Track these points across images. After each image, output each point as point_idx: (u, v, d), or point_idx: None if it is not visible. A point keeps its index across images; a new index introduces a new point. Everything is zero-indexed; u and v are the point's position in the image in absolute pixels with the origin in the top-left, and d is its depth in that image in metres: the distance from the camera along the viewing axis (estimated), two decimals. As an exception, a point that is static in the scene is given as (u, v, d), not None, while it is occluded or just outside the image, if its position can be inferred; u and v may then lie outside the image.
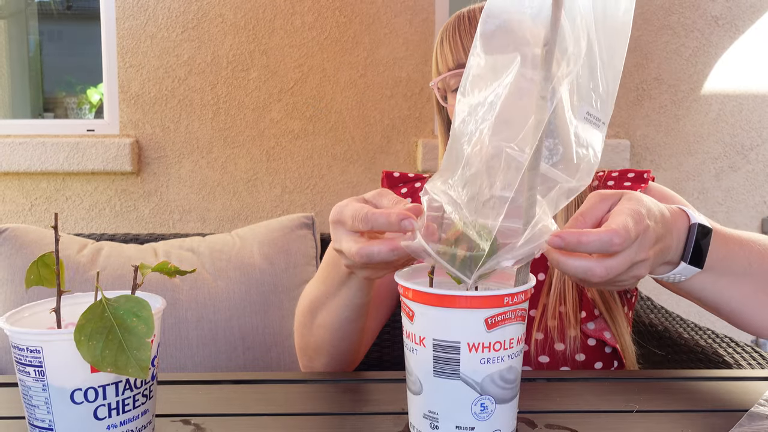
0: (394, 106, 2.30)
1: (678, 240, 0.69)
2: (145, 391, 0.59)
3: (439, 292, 0.55)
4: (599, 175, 1.07)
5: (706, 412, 0.69)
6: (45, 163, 2.18)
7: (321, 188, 2.30)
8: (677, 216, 0.70)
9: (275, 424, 0.67)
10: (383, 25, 2.28)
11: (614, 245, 0.57)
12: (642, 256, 0.62)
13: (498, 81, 0.57)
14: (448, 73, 0.99)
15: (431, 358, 0.57)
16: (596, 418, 0.67)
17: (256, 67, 2.25)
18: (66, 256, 1.55)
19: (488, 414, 0.57)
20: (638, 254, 0.61)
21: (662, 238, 0.65)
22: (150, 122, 2.24)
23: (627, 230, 0.58)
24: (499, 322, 0.56)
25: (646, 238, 0.62)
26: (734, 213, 2.47)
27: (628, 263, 0.60)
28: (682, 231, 0.70)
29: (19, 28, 3.29)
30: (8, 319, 0.58)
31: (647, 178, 1.03)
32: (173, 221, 2.27)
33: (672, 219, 0.68)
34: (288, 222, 1.75)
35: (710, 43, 2.41)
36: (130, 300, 0.55)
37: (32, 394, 0.56)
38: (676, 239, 0.69)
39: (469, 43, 0.97)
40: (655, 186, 1.03)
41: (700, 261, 0.70)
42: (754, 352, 1.12)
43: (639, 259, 0.62)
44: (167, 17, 2.22)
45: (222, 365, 1.57)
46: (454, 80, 0.99)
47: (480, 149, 0.56)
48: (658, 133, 2.43)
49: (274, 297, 1.63)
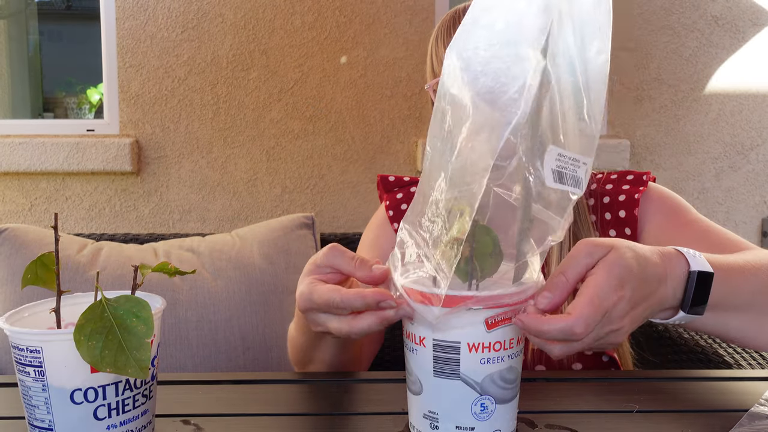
0: (394, 106, 2.30)
1: (675, 288, 0.64)
2: (145, 391, 0.59)
3: (438, 291, 0.55)
4: (598, 177, 1.07)
5: (706, 412, 0.69)
6: (45, 163, 2.18)
7: (321, 188, 2.30)
8: (673, 262, 0.65)
9: (275, 424, 0.67)
10: (383, 25, 2.28)
11: (575, 335, 0.54)
12: (611, 328, 0.58)
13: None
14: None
15: (431, 359, 0.57)
16: (596, 418, 0.67)
17: (256, 67, 2.25)
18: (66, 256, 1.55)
19: (488, 414, 0.57)
20: (604, 327, 0.57)
21: (647, 298, 0.61)
22: (150, 122, 2.24)
23: (587, 318, 0.55)
24: (499, 322, 0.56)
25: (617, 310, 0.57)
26: (734, 213, 2.47)
27: (592, 340, 0.58)
28: (680, 278, 0.64)
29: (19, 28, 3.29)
30: (8, 319, 0.58)
31: (646, 180, 1.02)
32: (173, 221, 2.27)
33: (664, 267, 0.63)
34: (288, 222, 1.75)
35: (710, 43, 2.41)
36: (130, 300, 0.55)
37: (32, 394, 0.55)
38: (672, 287, 0.64)
39: None
40: (655, 187, 1.02)
41: (701, 307, 0.66)
42: (754, 352, 1.12)
43: (606, 332, 0.58)
44: (167, 17, 2.22)
45: (222, 365, 1.57)
46: None
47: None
48: (658, 133, 2.43)
49: (274, 297, 1.63)
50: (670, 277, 0.64)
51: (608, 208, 1.02)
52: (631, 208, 0.99)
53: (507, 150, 0.53)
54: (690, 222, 0.95)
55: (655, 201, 1.00)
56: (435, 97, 1.00)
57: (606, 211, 1.02)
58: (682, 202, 1.00)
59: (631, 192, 1.00)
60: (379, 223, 1.12)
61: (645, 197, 1.00)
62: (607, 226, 1.01)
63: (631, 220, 0.99)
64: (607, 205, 1.02)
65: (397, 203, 1.12)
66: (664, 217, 0.98)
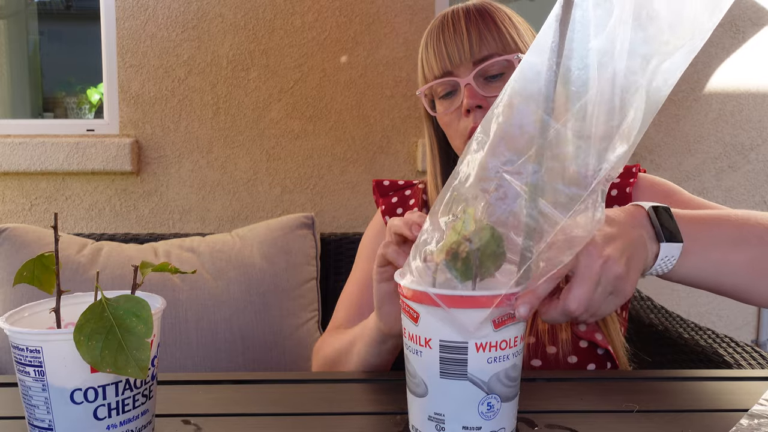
0: (394, 106, 2.30)
1: (643, 226, 0.70)
2: (145, 391, 0.59)
3: (446, 292, 0.55)
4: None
5: (706, 412, 0.69)
6: (45, 163, 2.18)
7: (321, 188, 2.30)
8: (631, 210, 0.71)
9: (275, 424, 0.67)
10: (383, 25, 2.28)
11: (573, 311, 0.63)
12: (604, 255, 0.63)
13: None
14: (435, 81, 0.97)
15: (437, 360, 0.56)
16: (596, 418, 0.67)
17: (256, 67, 2.25)
18: (66, 256, 1.55)
19: (494, 413, 0.57)
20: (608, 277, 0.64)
21: (620, 236, 0.66)
22: (150, 122, 2.24)
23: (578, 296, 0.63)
24: (506, 321, 0.56)
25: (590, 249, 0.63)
26: (734, 213, 2.47)
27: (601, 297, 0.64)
28: (644, 218, 0.70)
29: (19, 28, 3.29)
30: (8, 319, 0.58)
31: (636, 172, 1.02)
32: (173, 221, 2.27)
33: (626, 216, 0.70)
34: (288, 222, 1.75)
35: (710, 43, 2.41)
36: (130, 300, 0.55)
37: (32, 394, 0.55)
38: (640, 226, 0.69)
39: (453, 48, 0.95)
40: (645, 176, 1.03)
41: (676, 234, 0.70)
42: (754, 352, 1.12)
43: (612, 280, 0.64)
44: (167, 17, 2.22)
45: (222, 365, 1.57)
46: (441, 87, 0.97)
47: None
48: (658, 133, 2.43)
49: (274, 297, 1.63)
50: (635, 221, 0.70)
51: None
52: (624, 203, 0.99)
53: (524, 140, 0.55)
54: (684, 201, 0.96)
55: (647, 190, 1.00)
56: (427, 102, 1.00)
57: None
58: (673, 185, 1.00)
59: (623, 186, 1.01)
60: (376, 233, 1.12)
61: (636, 189, 1.01)
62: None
63: None
64: None
65: (392, 207, 1.12)
66: (658, 201, 0.98)
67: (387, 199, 1.14)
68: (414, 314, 0.57)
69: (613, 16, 0.54)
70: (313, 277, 1.72)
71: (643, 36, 0.55)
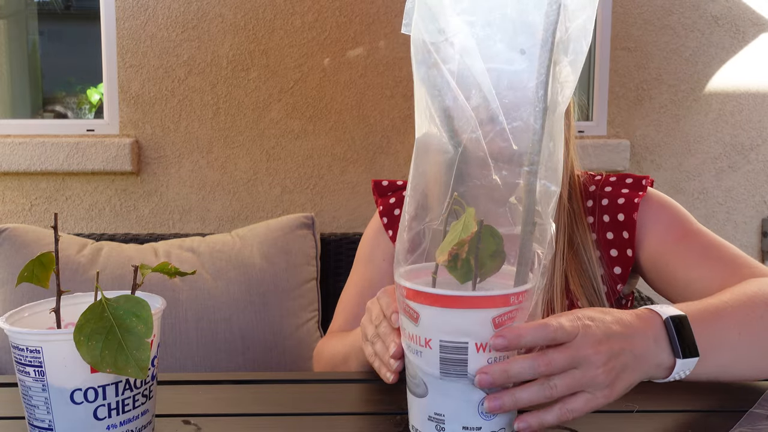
0: (394, 106, 2.30)
1: (656, 339, 0.65)
2: (145, 391, 0.59)
3: (446, 293, 0.55)
4: (596, 179, 1.06)
5: (706, 412, 0.69)
6: (45, 163, 2.18)
7: (321, 188, 2.30)
8: (646, 317, 0.66)
9: (275, 424, 0.67)
10: (383, 25, 2.28)
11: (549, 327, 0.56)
12: (589, 374, 0.58)
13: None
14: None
15: (438, 360, 0.56)
16: (596, 418, 0.67)
17: (256, 67, 2.25)
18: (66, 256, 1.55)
19: (494, 413, 0.57)
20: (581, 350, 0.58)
21: (621, 340, 0.61)
22: (150, 122, 2.24)
23: (563, 322, 0.57)
24: (506, 321, 0.56)
25: (589, 334, 0.58)
26: (734, 213, 2.47)
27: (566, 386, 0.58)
28: (659, 328, 0.65)
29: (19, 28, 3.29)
30: (8, 319, 0.58)
31: (645, 185, 1.01)
32: (173, 221, 2.27)
33: (639, 322, 0.65)
34: (288, 222, 1.75)
35: (710, 43, 2.41)
36: (130, 300, 0.55)
37: (32, 394, 0.55)
38: (653, 339, 0.64)
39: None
40: (655, 193, 1.02)
41: (693, 349, 0.66)
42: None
43: (584, 354, 0.58)
44: (167, 17, 2.22)
45: (222, 365, 1.57)
46: None
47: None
48: (658, 133, 2.43)
49: (274, 297, 1.63)
50: (649, 330, 0.64)
51: (606, 211, 1.01)
52: (630, 212, 0.99)
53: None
54: (691, 234, 0.95)
55: (655, 208, 0.99)
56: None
57: (604, 214, 1.01)
58: (682, 211, 0.99)
59: (631, 196, 1.00)
60: (374, 235, 1.12)
61: (645, 202, 0.99)
62: (605, 229, 1.01)
63: (629, 224, 0.98)
64: (606, 207, 1.01)
65: (390, 208, 1.12)
66: (665, 228, 0.97)
67: (385, 199, 1.14)
68: (414, 314, 0.57)
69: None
70: (313, 277, 1.72)
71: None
